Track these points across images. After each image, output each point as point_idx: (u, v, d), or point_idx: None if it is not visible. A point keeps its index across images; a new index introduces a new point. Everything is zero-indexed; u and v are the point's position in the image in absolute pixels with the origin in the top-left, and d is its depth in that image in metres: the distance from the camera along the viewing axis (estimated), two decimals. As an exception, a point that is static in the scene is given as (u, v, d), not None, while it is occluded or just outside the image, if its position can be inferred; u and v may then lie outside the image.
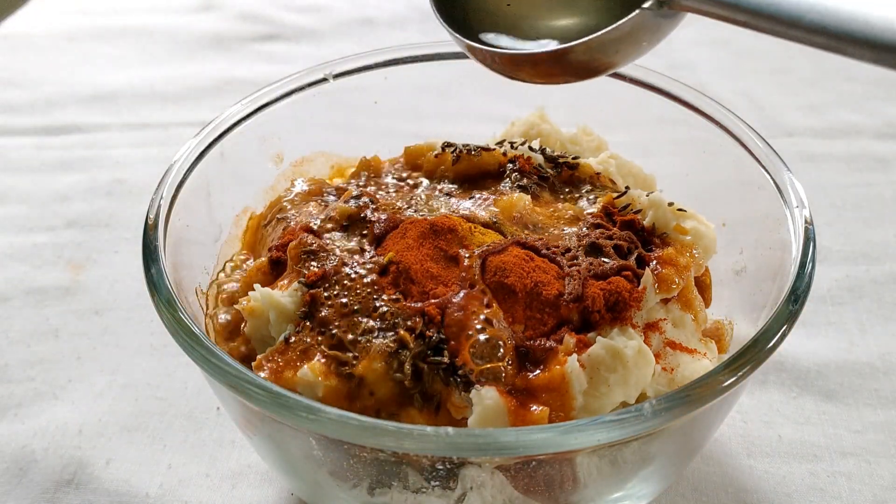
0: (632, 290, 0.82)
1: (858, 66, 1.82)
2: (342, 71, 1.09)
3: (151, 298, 0.80)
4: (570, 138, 1.09)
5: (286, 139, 1.09)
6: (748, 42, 1.80)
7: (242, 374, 0.72)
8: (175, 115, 1.61)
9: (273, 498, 0.97)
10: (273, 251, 0.91)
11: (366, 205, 0.92)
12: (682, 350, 0.85)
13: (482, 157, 0.98)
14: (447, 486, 0.76)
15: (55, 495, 0.97)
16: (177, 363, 1.12)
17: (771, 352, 0.74)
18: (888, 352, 1.12)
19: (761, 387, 1.08)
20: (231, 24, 1.90)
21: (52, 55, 1.80)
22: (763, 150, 0.95)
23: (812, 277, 0.81)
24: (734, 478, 0.98)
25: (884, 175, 1.43)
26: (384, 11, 1.94)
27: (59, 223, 1.36)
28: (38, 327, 1.18)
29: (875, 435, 1.02)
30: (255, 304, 0.84)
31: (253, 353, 0.85)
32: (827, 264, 1.24)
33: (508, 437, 0.66)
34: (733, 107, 1.03)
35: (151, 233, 0.86)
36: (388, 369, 0.77)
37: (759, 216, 0.94)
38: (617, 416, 0.68)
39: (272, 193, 1.07)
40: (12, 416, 1.06)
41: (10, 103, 1.64)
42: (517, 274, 0.82)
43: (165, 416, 1.06)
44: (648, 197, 0.92)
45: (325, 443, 0.74)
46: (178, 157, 0.94)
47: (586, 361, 0.77)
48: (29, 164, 1.49)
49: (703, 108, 1.02)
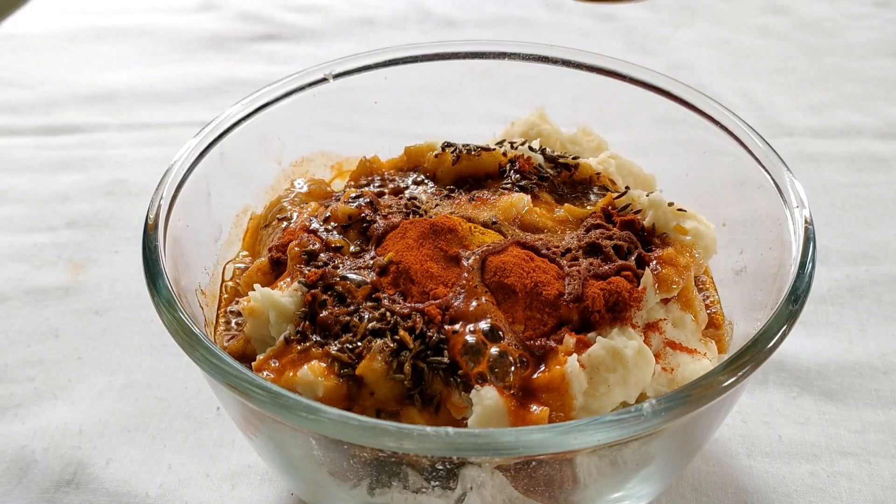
0: (632, 290, 0.82)
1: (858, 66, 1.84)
2: (342, 71, 1.09)
3: (151, 298, 0.80)
4: (570, 138, 1.09)
5: (286, 139, 1.09)
6: (748, 42, 1.81)
7: (242, 374, 0.72)
8: (175, 115, 1.61)
9: (273, 498, 0.97)
10: (273, 251, 0.91)
11: (366, 205, 0.92)
12: (682, 350, 0.85)
13: (482, 157, 0.98)
14: (447, 486, 0.76)
15: (55, 495, 0.97)
16: (177, 363, 1.12)
17: (771, 352, 0.74)
18: (888, 352, 1.12)
19: (761, 387, 1.08)
20: (231, 24, 1.90)
21: (52, 55, 1.80)
22: (763, 150, 0.95)
23: (812, 277, 0.81)
24: (734, 478, 0.98)
25: (884, 175, 1.43)
26: (384, 11, 1.94)
27: (59, 223, 1.36)
28: (38, 327, 1.18)
29: (875, 435, 1.02)
30: (255, 304, 0.84)
31: (252, 353, 0.86)
32: (827, 264, 1.24)
33: (508, 437, 0.66)
34: (733, 107, 1.03)
35: (151, 233, 0.85)
36: (387, 369, 0.77)
37: (759, 216, 0.94)
38: (617, 416, 0.67)
39: (272, 193, 1.07)
40: (12, 416, 1.06)
41: (10, 103, 1.64)
42: (517, 274, 0.82)
43: (165, 416, 1.06)
44: (648, 197, 0.92)
45: (325, 443, 0.74)
46: (178, 157, 0.94)
47: (586, 361, 0.77)
48: (29, 164, 1.49)
49: (703, 108, 1.02)
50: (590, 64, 1.09)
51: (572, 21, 1.90)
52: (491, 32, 1.87)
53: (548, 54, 1.11)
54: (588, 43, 1.81)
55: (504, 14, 1.94)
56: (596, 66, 1.09)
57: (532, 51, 1.11)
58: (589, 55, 1.09)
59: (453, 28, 1.88)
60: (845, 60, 1.73)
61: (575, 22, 1.90)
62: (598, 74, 1.09)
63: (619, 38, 1.83)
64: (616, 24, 1.88)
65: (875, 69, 1.69)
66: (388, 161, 1.05)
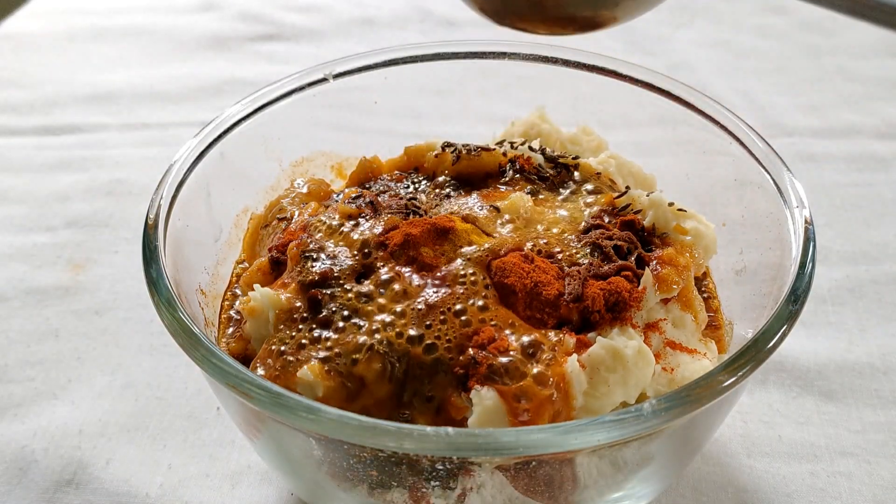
0: (632, 290, 0.82)
1: (858, 66, 1.83)
2: (342, 71, 1.09)
3: (151, 298, 0.80)
4: (570, 138, 1.09)
5: (286, 139, 1.09)
6: (748, 42, 1.81)
7: (242, 374, 0.72)
8: (175, 115, 1.61)
9: (273, 498, 0.97)
10: (273, 251, 0.91)
11: (366, 205, 0.92)
12: (682, 350, 0.85)
13: (482, 157, 0.98)
14: (447, 486, 0.76)
15: (55, 495, 0.97)
16: (177, 363, 1.12)
17: (771, 352, 0.74)
18: (888, 352, 1.12)
19: (761, 387, 1.08)
20: (231, 24, 1.90)
21: (52, 55, 1.80)
22: (763, 150, 0.95)
23: (812, 277, 0.81)
24: (734, 478, 0.98)
25: (884, 175, 1.43)
26: (384, 11, 1.94)
27: (59, 223, 1.36)
28: (38, 327, 1.18)
29: (875, 435, 1.02)
30: (255, 304, 0.84)
31: (253, 353, 0.86)
32: (827, 264, 1.24)
33: (508, 437, 0.66)
34: (733, 107, 1.03)
35: (151, 233, 0.85)
36: (387, 370, 0.77)
37: (759, 216, 0.94)
38: (617, 416, 0.67)
39: (272, 193, 1.07)
40: (12, 416, 1.06)
41: (10, 103, 1.64)
42: (517, 274, 0.82)
43: (165, 416, 1.06)
44: (648, 197, 0.92)
45: (325, 443, 0.74)
46: (178, 157, 0.94)
47: (586, 361, 0.77)
48: (29, 164, 1.49)
49: (703, 108, 1.02)
50: (590, 64, 1.09)
51: (572, 21, 1.90)
52: (491, 32, 1.86)
53: (548, 54, 1.11)
54: (588, 43, 1.80)
55: (504, 14, 1.94)
56: (596, 66, 1.09)
57: (532, 51, 1.11)
58: (589, 55, 1.09)
59: (453, 28, 1.88)
60: (845, 60, 1.73)
61: (575, 22, 1.90)
62: (598, 74, 1.09)
63: (619, 38, 1.83)
64: (616, 24, 1.88)
65: (875, 69, 1.69)
66: (388, 161, 1.05)
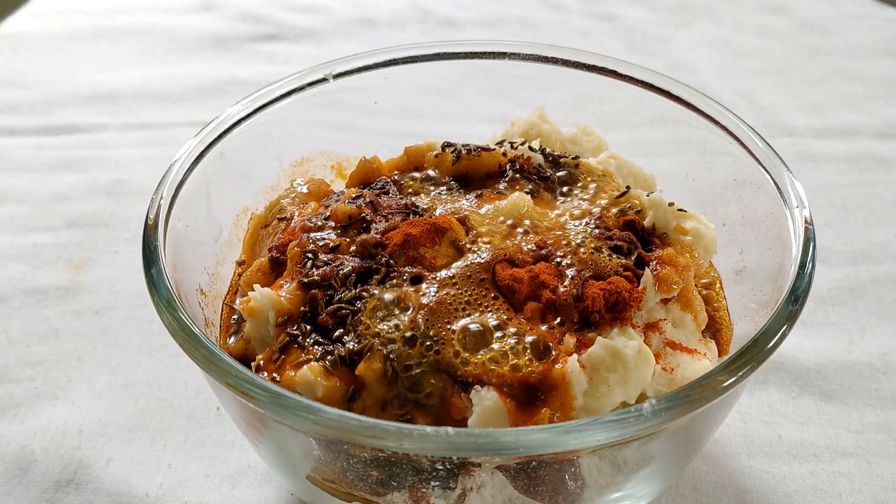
0: (632, 290, 0.82)
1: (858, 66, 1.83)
2: (342, 71, 1.09)
3: (151, 298, 0.80)
4: (570, 138, 1.09)
5: (286, 139, 1.09)
6: (748, 42, 1.81)
7: (242, 375, 0.71)
8: (175, 115, 1.61)
9: (273, 498, 0.97)
10: (273, 251, 0.91)
11: (366, 205, 0.92)
12: (682, 350, 0.85)
13: (482, 157, 0.98)
14: (447, 487, 0.76)
15: (55, 495, 0.97)
16: (177, 363, 1.12)
17: (771, 352, 0.74)
18: (888, 352, 1.12)
19: (761, 387, 1.08)
20: (231, 24, 1.90)
21: (52, 55, 1.80)
22: (763, 150, 0.95)
23: (812, 277, 0.81)
24: (734, 478, 0.98)
25: (884, 175, 1.43)
26: (384, 11, 1.94)
27: (59, 223, 1.36)
28: (38, 327, 1.18)
29: (875, 435, 1.02)
30: (255, 304, 0.84)
31: (253, 353, 0.86)
32: (827, 264, 1.24)
33: (508, 437, 0.66)
34: (733, 107, 1.03)
35: (151, 233, 0.85)
36: (387, 370, 0.77)
37: (759, 216, 0.94)
38: (617, 416, 0.67)
39: (272, 193, 1.07)
40: (12, 416, 1.06)
41: (10, 103, 1.64)
42: (517, 274, 0.82)
43: (165, 416, 1.06)
44: (648, 197, 0.92)
45: (325, 443, 0.74)
46: (178, 157, 0.94)
47: (586, 361, 0.77)
48: (29, 164, 1.49)
49: (703, 108, 1.02)
50: (590, 64, 1.09)
51: (572, 21, 1.90)
52: (491, 32, 1.87)
53: (548, 54, 1.11)
54: (588, 43, 1.81)
55: (504, 14, 1.94)
56: (596, 66, 1.09)
57: (532, 51, 1.11)
58: (589, 55, 1.09)
59: (453, 28, 1.88)
60: (845, 60, 1.73)
61: (575, 22, 1.90)
62: (598, 74, 1.09)
63: (619, 38, 1.83)
64: (616, 24, 1.88)
65: (875, 69, 1.70)
66: (388, 161, 1.04)
